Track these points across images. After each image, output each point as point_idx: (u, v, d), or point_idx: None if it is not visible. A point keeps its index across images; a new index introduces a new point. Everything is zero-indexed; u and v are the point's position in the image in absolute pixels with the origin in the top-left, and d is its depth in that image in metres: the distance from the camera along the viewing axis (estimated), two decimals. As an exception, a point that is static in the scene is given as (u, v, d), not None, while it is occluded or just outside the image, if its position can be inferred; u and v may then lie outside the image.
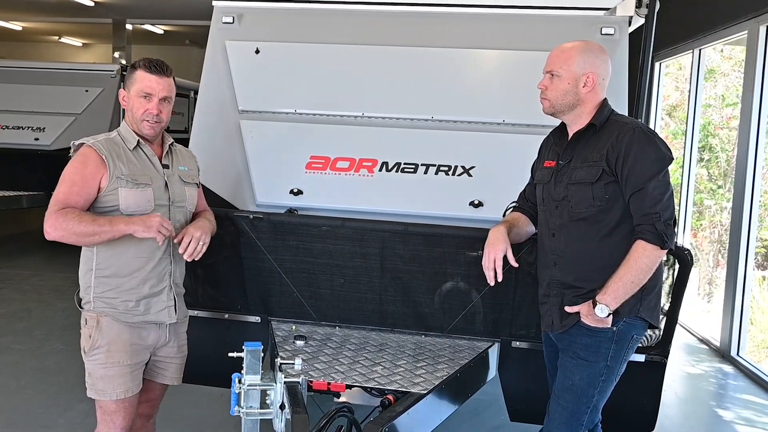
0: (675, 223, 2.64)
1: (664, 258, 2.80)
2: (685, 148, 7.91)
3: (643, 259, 2.57)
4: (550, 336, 2.90)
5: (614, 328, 2.67)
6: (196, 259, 2.85)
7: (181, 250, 2.81)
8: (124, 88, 2.85)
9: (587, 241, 2.71)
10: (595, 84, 2.73)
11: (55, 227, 2.60)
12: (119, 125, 2.89)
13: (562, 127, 2.88)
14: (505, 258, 2.84)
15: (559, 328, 2.79)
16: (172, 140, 2.98)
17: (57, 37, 20.30)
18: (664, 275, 2.95)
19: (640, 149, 2.61)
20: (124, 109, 2.87)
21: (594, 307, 2.62)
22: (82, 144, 2.76)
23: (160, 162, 2.87)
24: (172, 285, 2.90)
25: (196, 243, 2.82)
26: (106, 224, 2.63)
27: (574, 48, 2.76)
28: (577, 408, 2.74)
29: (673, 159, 2.67)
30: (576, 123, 2.79)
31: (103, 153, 2.71)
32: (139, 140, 2.81)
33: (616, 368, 2.74)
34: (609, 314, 2.61)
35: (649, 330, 2.87)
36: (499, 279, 2.84)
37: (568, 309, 2.73)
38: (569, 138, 2.82)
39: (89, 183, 2.69)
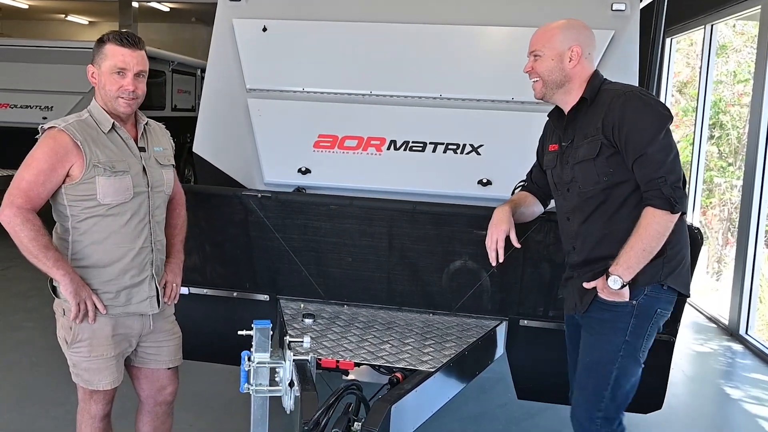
0: (684, 183, 2.54)
1: (688, 222, 2.73)
2: (695, 125, 7.84)
3: (653, 225, 2.49)
4: (575, 317, 2.83)
5: (633, 302, 2.59)
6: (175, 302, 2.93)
7: (167, 300, 2.86)
8: (91, 64, 2.64)
9: (601, 219, 2.65)
10: (580, 57, 2.66)
11: (9, 223, 2.49)
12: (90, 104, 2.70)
13: (558, 109, 2.82)
14: (508, 239, 2.82)
15: (581, 309, 2.72)
16: (147, 119, 2.81)
17: (63, 15, 20.23)
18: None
19: (634, 113, 2.53)
20: (93, 87, 2.68)
21: (607, 279, 2.56)
22: (53, 127, 2.56)
23: (136, 144, 2.71)
24: (154, 274, 2.76)
25: (177, 289, 2.90)
26: (50, 260, 2.51)
27: (555, 27, 2.71)
28: (596, 384, 2.68)
29: (671, 118, 2.58)
30: (567, 101, 2.73)
31: (77, 138, 2.53)
32: (114, 122, 2.64)
33: (638, 344, 2.65)
34: (623, 285, 2.54)
35: None
36: (500, 260, 2.83)
37: (585, 284, 2.67)
38: (566, 118, 2.77)
39: (57, 172, 2.53)
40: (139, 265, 2.71)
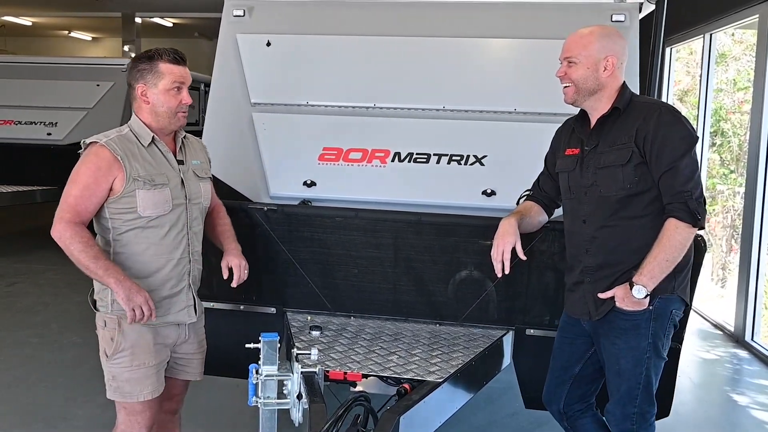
0: (704, 201, 2.64)
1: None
2: (696, 132, 7.83)
3: (676, 236, 2.58)
4: (583, 323, 2.88)
5: (650, 307, 2.67)
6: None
7: (235, 284, 2.98)
8: (140, 82, 2.70)
9: (619, 225, 2.70)
10: (614, 67, 2.71)
11: (60, 238, 2.57)
12: (130, 119, 2.77)
13: (583, 114, 2.87)
14: (514, 250, 2.85)
15: (595, 316, 2.78)
16: (185, 133, 2.89)
17: (67, 32, 20.38)
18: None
19: (668, 128, 2.61)
20: (133, 103, 2.75)
21: (631, 289, 2.61)
22: (95, 142, 2.64)
23: (175, 158, 2.80)
24: (191, 284, 2.85)
25: (243, 270, 3.00)
26: (100, 269, 2.57)
27: (592, 33, 2.74)
28: (629, 386, 2.75)
29: (698, 138, 2.69)
30: (597, 108, 2.78)
31: (118, 153, 2.61)
32: (153, 136, 2.72)
33: (661, 342, 2.74)
34: (646, 295, 2.61)
35: None
36: (506, 271, 2.86)
37: (601, 295, 2.72)
38: (593, 123, 2.80)
39: (101, 186, 2.61)
40: (178, 276, 2.78)
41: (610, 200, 2.70)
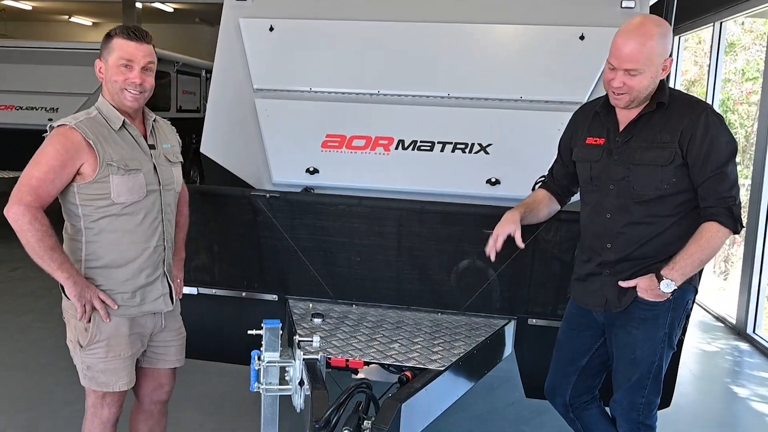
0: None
1: None
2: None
3: (716, 240, 2.57)
4: (594, 314, 2.86)
5: (671, 297, 2.65)
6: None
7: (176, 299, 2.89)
8: (99, 60, 2.62)
9: (650, 223, 2.65)
10: (669, 68, 2.62)
11: (17, 221, 2.44)
12: (97, 101, 2.66)
13: (607, 102, 2.74)
14: (512, 239, 2.86)
15: (616, 307, 2.74)
16: (155, 116, 2.79)
17: (67, 17, 20.28)
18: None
19: (716, 132, 2.56)
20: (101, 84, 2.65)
21: (660, 281, 2.59)
22: (64, 125, 2.52)
23: (146, 142, 2.69)
24: (166, 272, 2.76)
25: (181, 285, 2.98)
26: (55, 261, 2.47)
27: (651, 37, 2.52)
28: (640, 376, 2.75)
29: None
30: (642, 103, 2.67)
31: (89, 138, 2.49)
32: (124, 120, 2.61)
33: (675, 333, 2.76)
34: (674, 290, 2.60)
35: None
36: (497, 250, 2.89)
37: (623, 284, 2.69)
38: (629, 116, 2.68)
39: (67, 170, 2.49)
40: (154, 264, 2.69)
41: (644, 198, 2.64)
